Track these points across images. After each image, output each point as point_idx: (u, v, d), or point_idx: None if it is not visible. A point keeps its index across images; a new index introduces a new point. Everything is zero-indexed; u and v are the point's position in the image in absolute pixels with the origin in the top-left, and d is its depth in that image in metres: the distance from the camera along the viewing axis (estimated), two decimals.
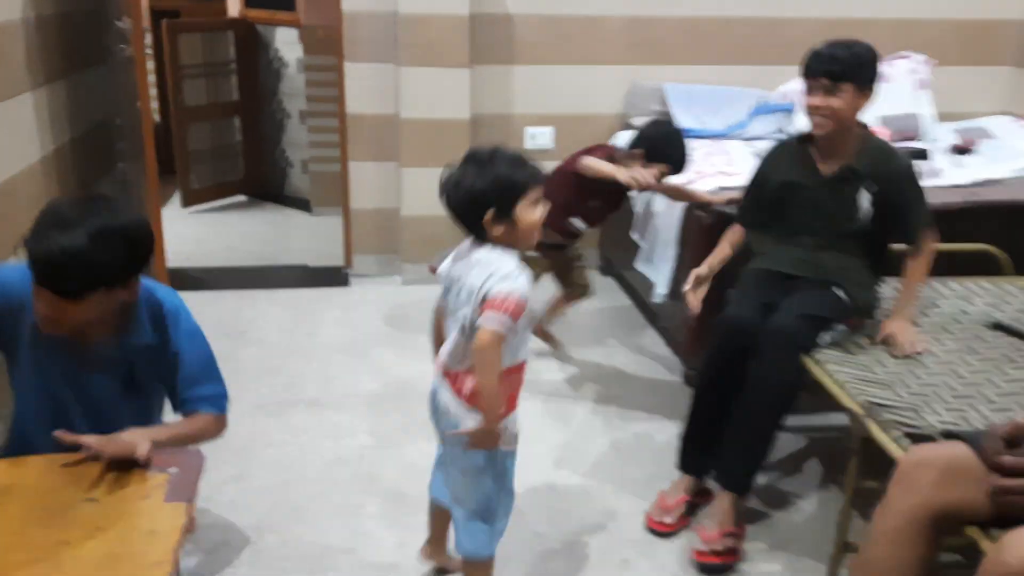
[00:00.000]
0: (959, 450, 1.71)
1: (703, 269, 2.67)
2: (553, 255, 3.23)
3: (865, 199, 2.45)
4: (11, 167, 2.79)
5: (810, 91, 2.44)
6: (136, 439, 1.68)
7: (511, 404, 1.92)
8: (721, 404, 2.50)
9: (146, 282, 1.81)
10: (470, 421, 1.85)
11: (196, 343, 1.89)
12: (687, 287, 2.65)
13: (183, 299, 1.91)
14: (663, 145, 2.99)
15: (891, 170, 2.46)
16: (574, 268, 3.36)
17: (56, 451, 1.77)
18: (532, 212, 1.83)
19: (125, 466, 1.65)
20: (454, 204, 1.84)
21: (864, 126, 2.50)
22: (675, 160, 3.01)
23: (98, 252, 1.60)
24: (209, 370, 1.92)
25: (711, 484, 2.59)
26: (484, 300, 1.76)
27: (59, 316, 1.66)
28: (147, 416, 1.92)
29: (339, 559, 2.31)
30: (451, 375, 1.91)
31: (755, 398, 2.37)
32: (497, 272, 1.78)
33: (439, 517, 2.21)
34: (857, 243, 2.52)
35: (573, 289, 3.40)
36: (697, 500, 2.56)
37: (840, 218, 2.49)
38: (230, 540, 2.37)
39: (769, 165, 2.64)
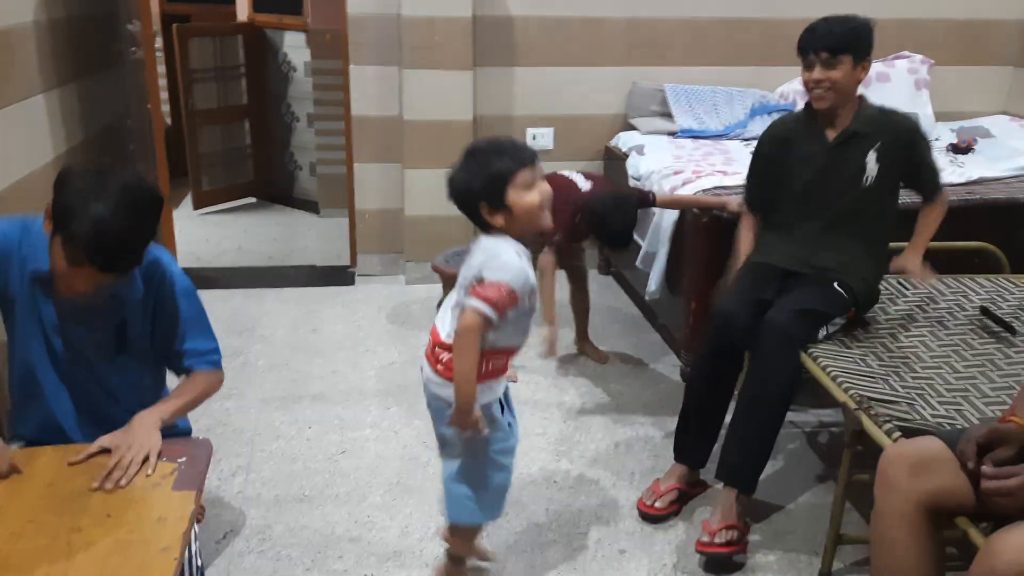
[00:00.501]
0: (931, 442, 1.74)
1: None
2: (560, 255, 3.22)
3: (871, 159, 2.47)
4: (24, 167, 2.84)
5: (808, 66, 2.45)
6: (147, 430, 1.72)
7: (488, 378, 1.91)
8: (713, 396, 2.55)
9: None
10: (444, 392, 1.89)
11: (191, 300, 1.92)
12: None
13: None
14: (594, 221, 2.99)
15: (897, 127, 2.49)
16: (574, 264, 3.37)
17: (63, 406, 1.83)
18: (525, 195, 1.80)
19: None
20: (455, 202, 1.86)
21: (861, 97, 2.52)
22: (602, 238, 3.05)
23: (144, 229, 1.69)
24: (203, 326, 1.95)
25: (706, 478, 2.63)
26: (477, 282, 1.79)
27: (96, 286, 1.72)
28: (139, 377, 1.95)
29: (344, 547, 2.36)
30: (433, 342, 1.93)
31: (755, 395, 2.39)
32: (494, 258, 1.80)
33: None
34: (862, 222, 2.52)
35: (573, 273, 3.40)
36: (691, 490, 2.60)
37: (847, 183, 2.49)
38: (238, 529, 2.41)
39: (771, 143, 2.64)
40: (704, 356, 2.57)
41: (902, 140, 2.49)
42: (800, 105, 2.63)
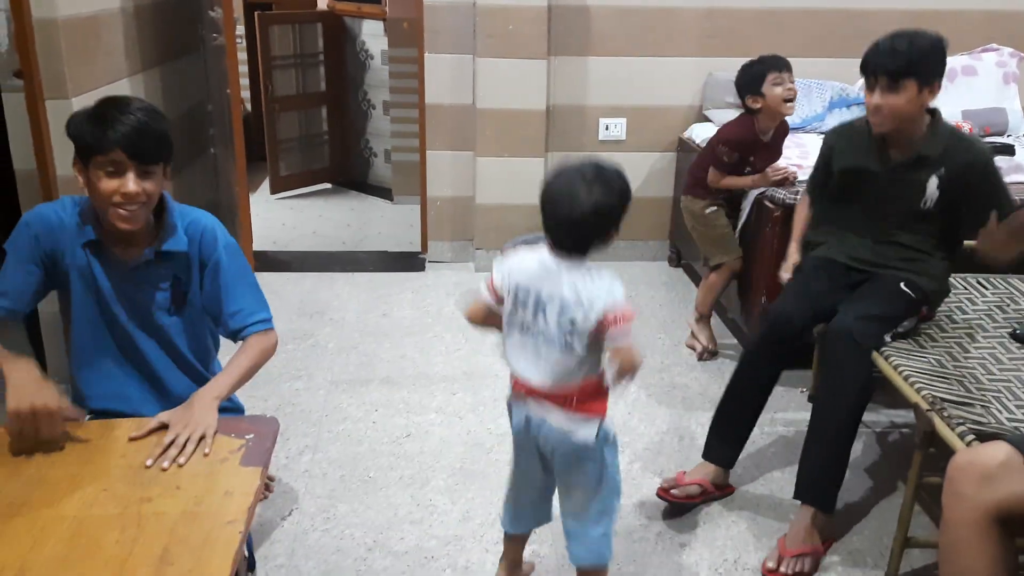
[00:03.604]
0: (1000, 448, 1.68)
1: (796, 256, 2.68)
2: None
3: (933, 184, 2.37)
4: None
5: (870, 87, 2.32)
6: (205, 409, 1.74)
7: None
8: (754, 396, 2.49)
9: (180, 204, 1.92)
10: (586, 430, 1.80)
11: (236, 257, 1.95)
12: (786, 276, 2.65)
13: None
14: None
15: (967, 159, 2.36)
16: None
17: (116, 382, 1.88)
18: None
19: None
20: (576, 219, 1.72)
21: (934, 111, 2.40)
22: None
23: (161, 125, 1.81)
24: (250, 285, 1.97)
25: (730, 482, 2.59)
26: (604, 318, 1.71)
27: (139, 200, 1.76)
28: (200, 336, 2.00)
29: (406, 529, 2.39)
30: (558, 396, 1.80)
31: (826, 407, 2.32)
32: (604, 288, 1.74)
33: (516, 542, 2.15)
34: (925, 229, 2.45)
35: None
36: (717, 492, 2.54)
37: (906, 203, 2.42)
38: (303, 507, 2.47)
39: (833, 149, 2.57)
40: (752, 355, 2.52)
41: (972, 172, 2.35)
42: None
